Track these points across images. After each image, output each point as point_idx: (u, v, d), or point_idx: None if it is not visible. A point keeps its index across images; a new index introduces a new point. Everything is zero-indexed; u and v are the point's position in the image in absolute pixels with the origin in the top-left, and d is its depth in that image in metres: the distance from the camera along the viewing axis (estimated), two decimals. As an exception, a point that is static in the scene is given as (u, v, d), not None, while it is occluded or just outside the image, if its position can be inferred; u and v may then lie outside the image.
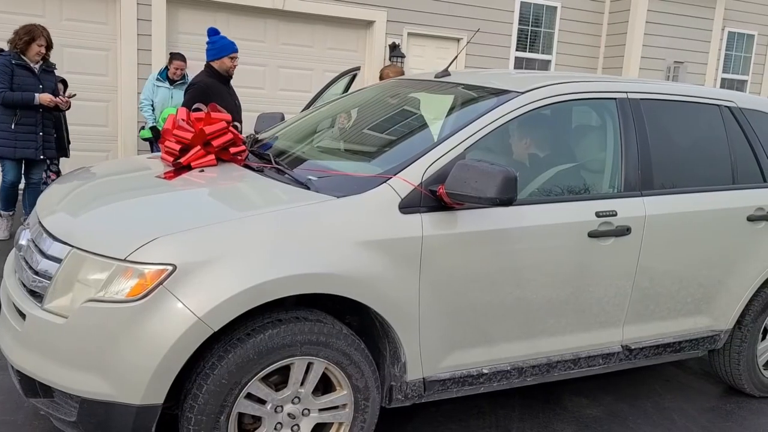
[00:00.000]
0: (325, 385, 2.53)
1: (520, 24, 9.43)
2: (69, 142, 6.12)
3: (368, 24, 8.60)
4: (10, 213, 5.59)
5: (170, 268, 2.13)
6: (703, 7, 9.89)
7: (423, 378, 2.67)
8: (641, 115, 3.15)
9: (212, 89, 4.85)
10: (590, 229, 2.89)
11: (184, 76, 6.67)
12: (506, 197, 2.42)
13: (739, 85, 10.82)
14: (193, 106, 3.61)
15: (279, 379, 2.42)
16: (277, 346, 2.31)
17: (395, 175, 2.58)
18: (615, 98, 3.13)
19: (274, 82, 8.29)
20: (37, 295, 2.28)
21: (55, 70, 5.58)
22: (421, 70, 8.89)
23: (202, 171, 2.86)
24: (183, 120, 3.02)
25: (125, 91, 7.39)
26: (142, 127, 6.81)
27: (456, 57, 3.78)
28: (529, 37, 9.56)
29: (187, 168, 2.90)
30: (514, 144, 3.08)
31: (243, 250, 2.23)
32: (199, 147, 2.90)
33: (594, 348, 3.07)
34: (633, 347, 3.17)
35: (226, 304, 2.16)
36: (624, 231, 2.96)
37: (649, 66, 9.71)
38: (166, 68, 6.67)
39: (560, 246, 2.83)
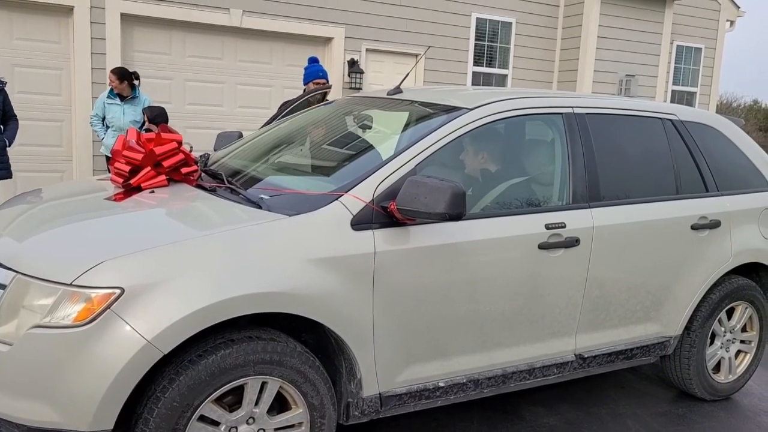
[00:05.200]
0: (280, 404, 2.52)
1: (476, 39, 9.59)
2: None
3: (327, 41, 8.65)
4: None
5: (118, 291, 2.11)
6: (652, 21, 10.21)
7: (379, 393, 2.68)
8: (587, 129, 3.24)
9: (289, 106, 5.48)
10: (540, 241, 2.95)
11: (135, 93, 6.55)
12: (455, 212, 2.46)
13: (689, 97, 11.17)
14: (144, 127, 3.60)
15: (233, 400, 2.41)
16: (229, 366, 2.30)
17: (347, 192, 2.60)
18: (561, 113, 3.22)
19: (232, 100, 8.26)
20: (-20, 323, 2.23)
21: (1, 88, 5.45)
22: (380, 85, 8.97)
23: (153, 192, 2.84)
24: (133, 141, 2.99)
25: (79, 111, 7.28)
26: None
27: (408, 74, 3.83)
28: (485, 52, 9.73)
29: (137, 189, 2.88)
30: (465, 159, 3.13)
31: (192, 271, 2.22)
32: (149, 168, 2.88)
33: (548, 358, 3.13)
34: (586, 356, 3.24)
35: (176, 326, 2.14)
36: (573, 242, 3.04)
37: (602, 79, 9.96)
38: None
39: (511, 258, 2.89)
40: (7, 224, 2.62)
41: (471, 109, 2.98)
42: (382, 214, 2.60)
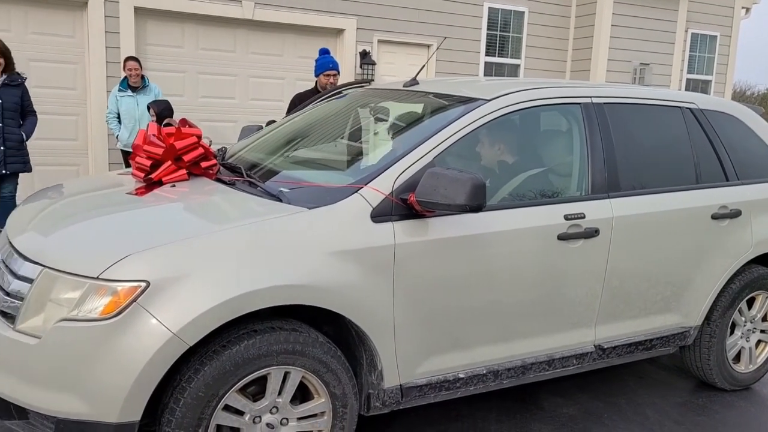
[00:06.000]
0: (302, 394, 2.54)
1: (488, 29, 9.53)
2: None
3: (338, 32, 8.64)
4: None
5: (143, 284, 2.14)
6: (667, 9, 10.11)
7: (400, 385, 2.70)
8: (605, 119, 3.22)
9: (301, 99, 5.44)
10: (559, 232, 2.95)
11: (145, 82, 6.60)
12: (475, 203, 2.46)
13: (704, 86, 11.05)
14: (164, 122, 3.62)
15: (256, 390, 2.43)
16: (253, 356, 2.32)
17: (366, 184, 2.61)
18: (580, 103, 3.20)
19: (245, 92, 8.27)
20: (9, 316, 2.26)
21: (20, 82, 5.48)
22: (392, 76, 8.95)
23: (174, 186, 2.86)
24: (154, 135, 3.01)
25: (95, 105, 7.32)
26: None
27: (424, 65, 3.83)
28: (498, 42, 9.67)
29: (159, 183, 2.90)
30: (484, 150, 3.13)
31: (216, 264, 2.24)
32: (170, 162, 2.90)
33: (567, 349, 3.13)
34: (605, 347, 3.23)
35: (201, 318, 2.16)
36: (592, 233, 3.03)
37: (615, 68, 9.88)
38: (126, 78, 6.61)
39: (531, 249, 2.88)
40: (31, 219, 2.65)
41: (489, 100, 2.97)
42: (401, 207, 2.60)
